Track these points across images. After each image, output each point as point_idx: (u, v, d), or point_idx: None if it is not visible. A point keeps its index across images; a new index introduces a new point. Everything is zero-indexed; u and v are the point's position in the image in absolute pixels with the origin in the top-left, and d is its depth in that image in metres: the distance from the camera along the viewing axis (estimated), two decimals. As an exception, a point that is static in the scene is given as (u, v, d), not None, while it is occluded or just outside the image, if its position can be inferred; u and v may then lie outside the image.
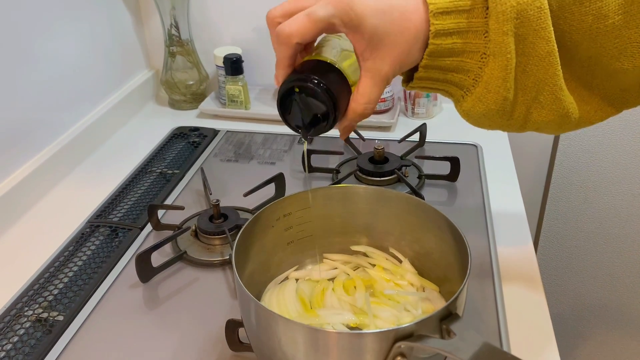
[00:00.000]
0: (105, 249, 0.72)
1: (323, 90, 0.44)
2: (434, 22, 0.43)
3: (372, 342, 0.42)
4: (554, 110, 0.47)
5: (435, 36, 0.43)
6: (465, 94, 0.46)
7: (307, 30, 0.42)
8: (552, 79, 0.45)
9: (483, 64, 0.44)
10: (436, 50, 0.43)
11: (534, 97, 0.46)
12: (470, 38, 0.43)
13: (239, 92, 1.04)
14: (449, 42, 0.43)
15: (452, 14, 0.43)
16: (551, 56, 0.44)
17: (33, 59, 0.83)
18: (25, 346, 0.58)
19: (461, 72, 0.45)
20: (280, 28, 0.43)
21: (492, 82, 0.44)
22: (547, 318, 0.61)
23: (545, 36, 0.43)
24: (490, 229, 0.74)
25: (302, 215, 0.60)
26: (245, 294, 0.46)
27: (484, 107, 0.46)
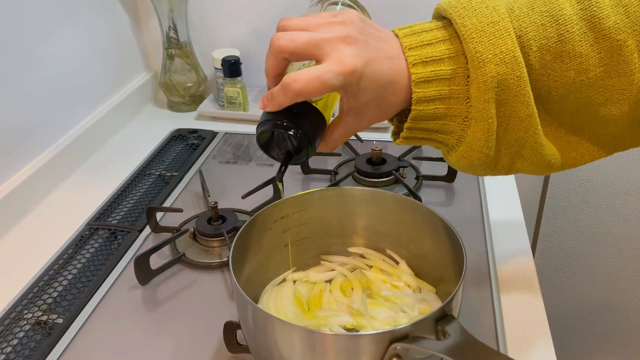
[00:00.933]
0: (104, 252, 0.72)
1: (303, 137, 0.47)
2: (415, 90, 0.45)
3: (367, 343, 0.43)
4: (535, 163, 0.50)
5: (417, 103, 0.45)
6: (450, 150, 0.49)
7: (314, 90, 0.43)
8: (532, 137, 0.47)
9: (465, 126, 0.46)
10: (419, 115, 0.46)
11: (517, 151, 0.49)
12: (453, 103, 0.46)
13: (238, 93, 1.04)
14: (431, 108, 0.46)
15: (434, 82, 0.45)
16: (531, 118, 0.46)
17: (31, 62, 0.83)
18: (25, 349, 0.58)
19: (445, 133, 0.48)
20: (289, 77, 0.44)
21: (475, 143, 0.47)
22: (544, 319, 0.61)
23: (525, 101, 0.45)
24: (488, 230, 0.74)
25: (299, 217, 0.60)
26: (242, 296, 0.46)
27: (469, 162, 0.48)
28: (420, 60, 0.45)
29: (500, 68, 0.44)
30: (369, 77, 0.44)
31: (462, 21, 0.44)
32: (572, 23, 0.44)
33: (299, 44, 0.44)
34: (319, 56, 0.44)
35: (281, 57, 0.46)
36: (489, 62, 0.43)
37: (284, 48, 0.44)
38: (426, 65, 0.45)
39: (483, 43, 0.44)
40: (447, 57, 0.45)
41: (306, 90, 0.43)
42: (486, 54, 0.43)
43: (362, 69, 0.43)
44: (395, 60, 0.45)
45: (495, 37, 0.44)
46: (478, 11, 0.44)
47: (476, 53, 0.44)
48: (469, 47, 0.44)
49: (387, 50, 0.45)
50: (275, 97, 0.45)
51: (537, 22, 0.45)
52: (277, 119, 0.47)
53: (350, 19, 0.45)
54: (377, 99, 0.46)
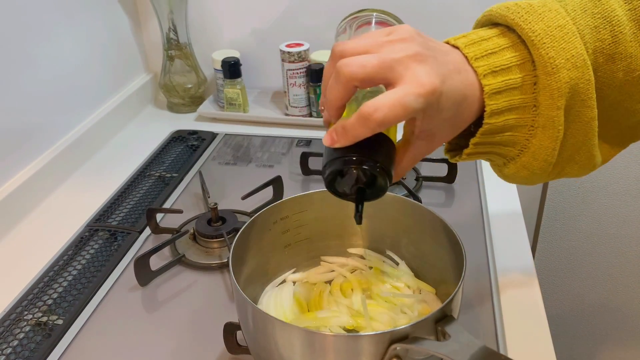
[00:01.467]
0: (104, 253, 0.72)
1: (382, 171, 0.42)
2: (488, 102, 0.42)
3: (367, 344, 0.43)
4: (585, 165, 0.49)
5: (490, 116, 0.43)
6: (508, 162, 0.47)
7: (397, 116, 0.39)
8: (590, 141, 0.47)
9: (530, 135, 0.45)
10: (490, 129, 0.44)
11: (571, 155, 0.47)
12: (521, 113, 0.44)
13: (237, 95, 1.04)
14: (502, 120, 0.44)
15: (504, 92, 0.43)
16: (593, 121, 0.45)
17: (31, 64, 0.83)
18: (25, 350, 0.58)
19: (509, 145, 0.46)
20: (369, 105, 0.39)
21: (541, 152, 0.45)
22: (543, 320, 0.61)
23: (591, 104, 0.44)
24: (488, 231, 0.74)
25: (299, 219, 0.60)
26: (242, 297, 0.46)
27: (529, 172, 0.46)
28: (490, 70, 0.43)
29: (572, 73, 0.42)
30: (447, 95, 0.41)
31: (529, 26, 0.42)
32: (624, 24, 0.44)
33: (370, 69, 0.40)
34: (392, 79, 0.40)
35: (351, 85, 0.41)
36: (562, 68, 0.42)
37: (355, 75, 0.40)
38: (496, 75, 0.43)
39: (555, 48, 0.42)
40: (514, 64, 0.43)
41: (389, 118, 0.39)
42: (559, 59, 0.42)
43: (441, 86, 0.40)
44: (464, 74, 0.42)
45: (564, 41, 0.42)
46: (543, 15, 0.43)
47: (549, 59, 0.42)
48: (541, 53, 0.42)
49: (454, 64, 0.42)
50: (350, 131, 0.40)
51: (590, 25, 0.44)
52: (348, 155, 0.41)
53: (409, 35, 0.42)
54: (452, 117, 0.43)
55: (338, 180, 0.45)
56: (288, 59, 0.99)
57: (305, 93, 1.02)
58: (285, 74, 1.01)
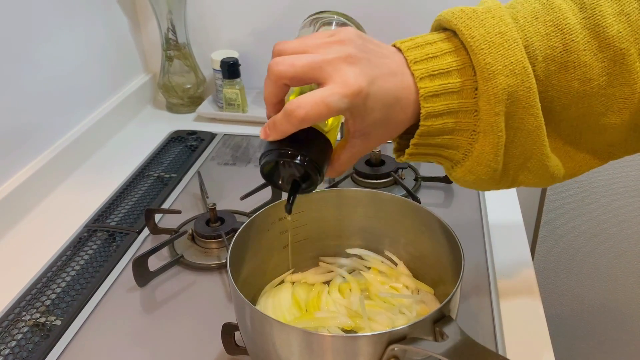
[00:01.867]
0: (102, 253, 0.72)
1: (311, 165, 0.44)
2: (424, 105, 0.43)
3: (365, 344, 0.43)
4: (540, 175, 0.49)
5: (425, 118, 0.44)
6: (455, 165, 0.48)
7: (321, 115, 0.41)
8: (539, 149, 0.47)
9: (473, 140, 0.45)
10: (427, 130, 0.44)
11: (522, 163, 0.48)
12: (461, 117, 0.44)
13: (236, 95, 1.04)
14: (439, 123, 0.44)
15: (442, 95, 0.43)
16: (539, 129, 0.45)
17: (30, 64, 0.83)
18: (23, 351, 0.58)
19: (451, 148, 0.46)
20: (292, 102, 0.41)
21: (483, 157, 0.45)
22: (542, 320, 0.61)
23: (534, 113, 0.44)
24: (486, 231, 0.74)
25: (297, 219, 0.60)
26: (240, 298, 0.46)
27: (475, 177, 0.47)
28: (428, 73, 0.43)
29: (510, 80, 0.42)
30: (375, 96, 0.42)
31: (469, 32, 0.43)
32: (577, 32, 0.44)
33: (299, 68, 0.42)
34: (321, 79, 0.42)
35: (281, 83, 0.43)
36: (499, 74, 0.42)
37: (284, 74, 0.42)
38: (433, 78, 0.43)
39: (492, 54, 0.42)
40: (454, 69, 0.43)
41: (311, 116, 0.41)
42: (496, 65, 0.42)
43: (367, 88, 0.41)
44: (400, 77, 0.43)
45: (504, 47, 0.42)
46: (485, 21, 0.43)
47: (486, 65, 0.42)
48: (478, 59, 0.42)
49: (390, 67, 0.43)
50: (278, 125, 0.43)
51: (541, 32, 0.44)
52: (281, 147, 0.44)
53: (348, 38, 0.43)
54: (384, 118, 0.43)
55: (275, 171, 0.47)
56: (287, 59, 0.99)
57: (304, 93, 1.02)
58: (284, 74, 1.01)
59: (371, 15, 1.03)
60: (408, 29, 0.60)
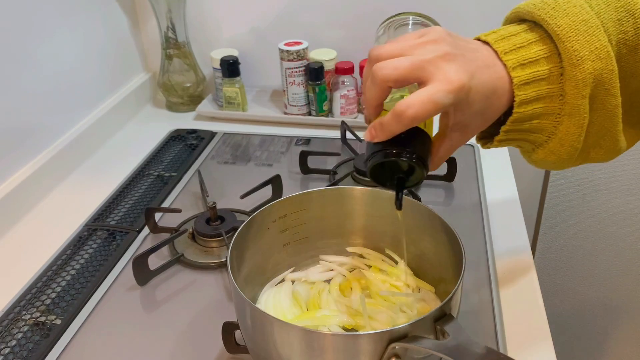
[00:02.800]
0: (102, 252, 0.72)
1: (419, 161, 0.46)
2: (518, 93, 0.46)
3: (366, 343, 0.42)
4: (610, 149, 0.52)
5: (519, 105, 0.46)
6: (537, 147, 0.50)
7: (428, 111, 0.43)
8: (615, 126, 0.49)
9: (557, 122, 0.48)
10: (519, 117, 0.47)
11: (596, 141, 0.50)
12: (548, 102, 0.47)
13: (236, 94, 1.04)
14: (530, 108, 0.47)
15: (533, 83, 0.46)
16: (617, 108, 0.48)
17: (30, 63, 0.83)
18: (23, 350, 0.58)
19: (537, 132, 0.49)
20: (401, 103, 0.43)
21: (567, 138, 0.48)
22: (543, 318, 0.61)
23: (615, 93, 0.47)
24: (487, 230, 0.74)
25: (297, 217, 0.60)
26: (241, 297, 0.46)
27: (557, 157, 0.49)
28: (519, 63, 0.46)
29: (596, 64, 0.45)
30: (476, 89, 0.44)
31: (554, 21, 0.45)
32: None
33: (403, 70, 0.44)
34: (424, 78, 0.44)
35: (386, 86, 0.45)
36: (586, 59, 0.45)
37: (389, 77, 0.44)
38: (524, 67, 0.46)
39: (579, 41, 0.45)
40: (542, 57, 0.46)
41: (421, 114, 0.43)
42: (583, 51, 0.45)
43: (469, 82, 0.43)
44: (493, 68, 0.46)
45: (588, 34, 0.45)
46: (568, 10, 0.45)
47: (574, 51, 0.45)
48: (566, 46, 0.45)
49: (483, 60, 0.46)
50: (386, 126, 0.45)
51: (614, 18, 0.47)
52: (387, 148, 0.46)
53: (440, 37, 0.45)
54: (483, 108, 0.46)
55: (380, 171, 0.49)
56: (287, 57, 0.99)
57: (304, 92, 1.02)
58: (284, 73, 1.01)
59: (368, 15, 1.03)
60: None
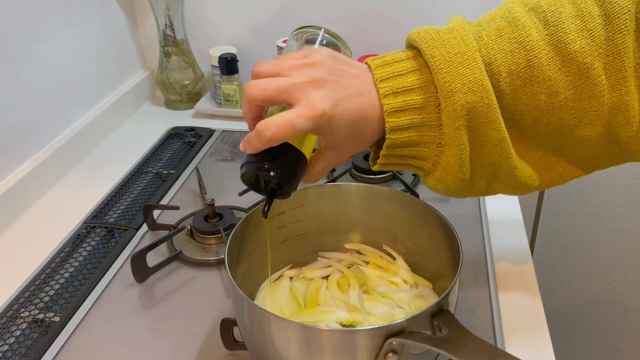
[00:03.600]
0: (101, 250, 0.72)
1: (283, 177, 0.48)
2: (388, 120, 0.46)
3: (363, 338, 0.43)
4: (511, 185, 0.52)
5: (390, 132, 0.47)
6: (427, 174, 0.51)
7: (287, 135, 0.44)
8: (506, 162, 0.49)
9: (440, 152, 0.48)
10: (393, 143, 0.48)
11: (492, 173, 0.50)
12: (425, 131, 0.47)
13: (235, 91, 1.04)
14: (404, 136, 0.47)
15: (405, 111, 0.47)
16: (503, 143, 0.48)
17: (28, 61, 0.83)
18: (22, 347, 0.58)
19: (420, 158, 0.49)
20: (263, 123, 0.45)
21: (449, 168, 0.48)
22: (541, 314, 0.61)
23: (496, 127, 0.47)
24: (485, 226, 0.74)
25: (295, 214, 0.60)
26: (238, 293, 0.46)
27: (445, 186, 0.50)
28: (391, 91, 0.46)
29: (468, 97, 0.45)
30: (340, 117, 0.45)
31: (430, 52, 0.46)
32: (540, 48, 0.46)
33: (269, 92, 0.45)
34: (290, 101, 0.45)
35: (254, 105, 0.47)
36: (457, 92, 0.45)
37: (255, 97, 0.46)
38: (397, 95, 0.46)
39: (451, 73, 0.45)
40: (417, 87, 0.46)
41: (278, 136, 0.44)
42: (454, 83, 0.45)
43: (331, 110, 0.44)
44: (366, 96, 0.46)
45: (463, 66, 0.45)
46: (446, 42, 0.46)
47: (445, 83, 0.45)
48: (438, 78, 0.45)
49: (357, 87, 0.46)
50: (251, 142, 0.46)
51: (505, 49, 0.46)
52: (258, 160, 0.48)
53: (320, 60, 0.46)
54: (350, 134, 0.47)
55: (256, 180, 0.51)
56: (285, 54, 0.99)
57: (303, 89, 1.02)
58: (282, 70, 1.01)
59: (367, 13, 1.03)
60: (403, 27, 0.61)
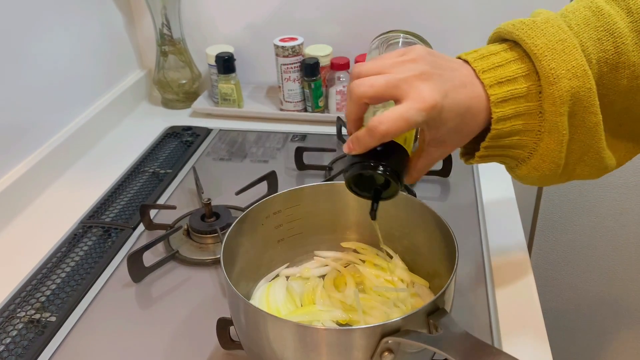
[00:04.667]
0: (97, 250, 0.72)
1: (393, 175, 0.48)
2: (495, 110, 0.47)
3: (359, 337, 0.42)
4: (595, 167, 0.52)
5: (497, 122, 0.47)
6: (520, 164, 0.51)
7: (400, 128, 0.44)
8: (597, 144, 0.50)
9: (538, 139, 0.48)
10: (497, 134, 0.48)
11: (579, 157, 0.51)
12: (527, 119, 0.48)
13: (232, 90, 1.04)
14: (509, 125, 0.48)
15: (510, 100, 0.47)
16: (598, 126, 0.49)
17: (24, 60, 0.83)
18: (18, 347, 0.58)
19: (518, 148, 0.50)
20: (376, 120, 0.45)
21: (548, 154, 0.49)
22: (539, 313, 0.61)
23: (594, 111, 0.48)
24: (483, 225, 0.74)
25: (291, 213, 0.60)
26: (234, 293, 0.46)
27: (540, 173, 0.50)
28: (496, 81, 0.47)
29: (573, 82, 0.46)
30: (449, 108, 0.45)
31: (532, 41, 0.46)
32: (626, 35, 0.47)
33: (378, 88, 0.45)
34: (399, 96, 0.45)
35: (362, 102, 0.47)
36: (562, 77, 0.46)
37: (364, 94, 0.46)
38: (502, 85, 0.47)
39: (555, 60, 0.46)
40: (520, 75, 0.47)
41: (392, 130, 0.44)
42: (559, 70, 0.46)
43: (442, 101, 0.44)
44: (470, 87, 0.47)
45: (565, 53, 0.46)
46: (545, 30, 0.47)
47: (550, 70, 0.46)
48: (542, 65, 0.46)
49: (460, 79, 0.47)
50: (361, 140, 0.46)
51: (594, 37, 0.47)
52: (364, 160, 0.48)
53: (419, 55, 0.46)
54: (457, 126, 0.47)
55: (358, 182, 0.51)
56: (282, 53, 0.99)
57: (300, 88, 1.02)
58: (279, 69, 1.01)
59: (365, 12, 1.03)
60: (402, 26, 0.62)
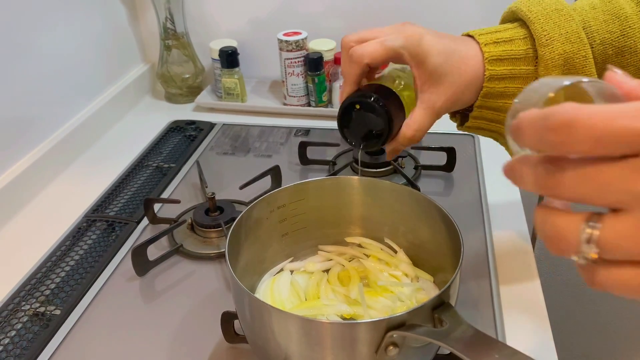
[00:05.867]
0: (101, 243, 0.72)
1: (382, 108, 0.49)
2: (488, 67, 0.47)
3: (364, 331, 0.42)
4: None
5: (489, 80, 0.48)
6: None
7: (378, 55, 0.47)
8: None
9: None
10: (489, 92, 0.48)
11: None
12: (522, 83, 0.48)
13: (235, 84, 1.04)
14: (501, 86, 0.48)
15: (505, 61, 0.47)
16: None
17: (27, 54, 0.83)
18: (23, 340, 0.58)
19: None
20: (354, 49, 0.48)
21: None
22: (543, 307, 0.61)
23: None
24: (487, 220, 0.74)
25: (296, 207, 0.60)
26: (239, 286, 0.46)
27: None
28: (492, 41, 0.48)
29: (566, 46, 0.46)
30: (430, 41, 0.47)
31: (527, 8, 0.48)
32: (633, 21, 0.47)
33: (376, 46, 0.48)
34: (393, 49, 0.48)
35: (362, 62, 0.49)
36: (555, 41, 0.46)
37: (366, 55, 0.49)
38: (498, 45, 0.48)
39: (549, 24, 0.47)
40: (517, 38, 0.48)
41: (369, 53, 0.47)
42: (552, 33, 0.46)
43: (421, 32, 0.47)
44: (464, 42, 0.49)
45: (560, 20, 0.47)
46: (543, 3, 0.48)
47: (543, 31, 0.46)
48: (536, 27, 0.47)
49: (454, 37, 0.49)
50: (343, 69, 0.49)
51: (599, 19, 0.48)
52: (358, 95, 0.50)
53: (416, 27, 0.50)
54: (445, 63, 0.47)
55: (350, 125, 0.52)
56: (286, 47, 0.99)
57: (304, 82, 1.02)
58: (283, 63, 1.00)
59: (369, 6, 1.03)
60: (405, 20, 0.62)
